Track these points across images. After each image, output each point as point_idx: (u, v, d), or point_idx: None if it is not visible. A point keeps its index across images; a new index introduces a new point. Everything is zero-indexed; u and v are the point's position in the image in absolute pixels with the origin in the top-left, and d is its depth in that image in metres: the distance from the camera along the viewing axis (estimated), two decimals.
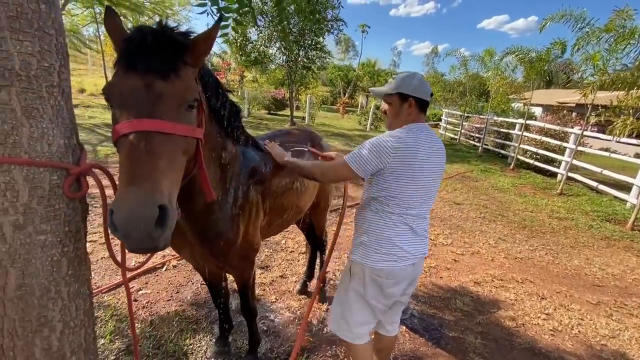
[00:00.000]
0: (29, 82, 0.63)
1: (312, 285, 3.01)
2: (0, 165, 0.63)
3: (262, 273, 3.21)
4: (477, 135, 13.13)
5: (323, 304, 2.81)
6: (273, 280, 3.12)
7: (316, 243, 2.91)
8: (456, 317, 2.80)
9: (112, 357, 2.07)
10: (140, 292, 2.79)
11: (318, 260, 3.03)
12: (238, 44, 13.43)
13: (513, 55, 9.21)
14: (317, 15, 12.00)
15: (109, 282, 2.82)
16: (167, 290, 2.84)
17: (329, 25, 12.94)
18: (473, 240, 4.54)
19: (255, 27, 12.82)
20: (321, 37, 13.11)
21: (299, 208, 2.15)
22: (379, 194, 1.47)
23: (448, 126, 16.14)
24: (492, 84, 11.06)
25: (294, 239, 4.00)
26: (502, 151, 11.43)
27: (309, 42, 13.14)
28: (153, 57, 0.78)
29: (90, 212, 3.74)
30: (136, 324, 2.41)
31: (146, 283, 2.93)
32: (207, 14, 1.38)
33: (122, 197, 0.67)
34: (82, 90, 15.22)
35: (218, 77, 1.30)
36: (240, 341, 2.30)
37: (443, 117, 16.54)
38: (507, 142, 11.09)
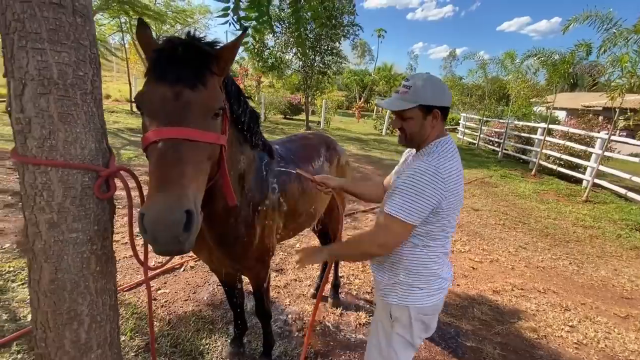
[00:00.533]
0: (65, 90, 0.68)
1: (326, 289, 3.01)
2: (38, 166, 0.68)
3: (276, 276, 3.24)
4: (496, 140, 12.82)
5: (337, 308, 2.80)
6: (287, 284, 3.14)
7: None
8: (474, 327, 2.73)
9: (132, 354, 2.13)
10: (159, 292, 2.87)
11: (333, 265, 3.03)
12: (255, 50, 13.67)
13: (535, 58, 8.97)
14: (333, 21, 12.09)
15: (129, 281, 2.91)
16: (184, 290, 2.91)
17: (345, 31, 13.01)
18: (492, 247, 4.42)
19: (272, 33, 13.05)
20: (337, 43, 13.19)
21: (313, 212, 2.16)
22: (422, 229, 1.24)
23: (466, 130, 15.84)
24: (513, 87, 10.79)
25: (308, 242, 4.02)
26: (523, 156, 11.11)
27: (325, 47, 13.24)
28: (182, 68, 0.82)
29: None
30: (155, 323, 2.49)
31: (165, 283, 3.01)
32: (229, 23, 1.43)
33: (152, 202, 0.70)
34: (107, 96, 15.88)
35: (236, 82, 1.34)
36: (255, 343, 2.33)
37: (461, 122, 16.25)
38: (529, 147, 10.76)
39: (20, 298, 2.52)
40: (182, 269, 3.25)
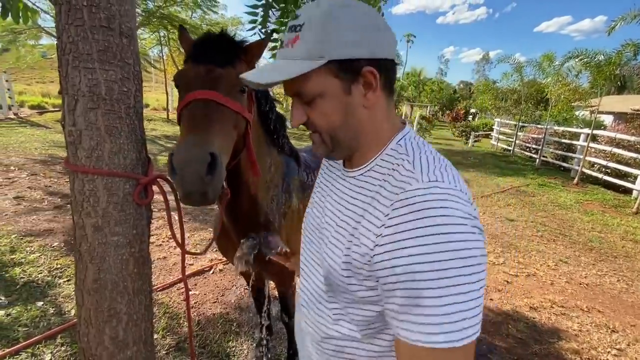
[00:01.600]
0: (111, 105, 0.74)
1: None
2: (87, 175, 0.75)
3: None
4: (534, 146, 12.16)
5: None
6: None
7: None
8: (508, 344, 2.59)
9: (164, 352, 2.22)
10: (190, 293, 2.98)
11: None
12: None
13: (576, 60, 8.46)
14: None
15: (163, 282, 3.05)
16: (213, 293, 3.00)
17: None
18: (529, 260, 4.18)
19: None
20: None
21: None
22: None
23: (501, 136, 15.16)
24: (552, 90, 10.22)
25: None
26: (564, 164, 10.43)
27: None
28: (214, 53, 0.98)
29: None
30: (184, 323, 2.58)
31: (195, 284, 3.12)
32: (256, 33, 1.49)
33: (180, 144, 0.81)
34: (146, 105, 16.90)
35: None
36: (280, 348, 2.35)
37: (495, 127, 15.60)
38: (570, 154, 10.10)
39: (66, 294, 2.71)
40: (211, 272, 3.35)
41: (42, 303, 2.57)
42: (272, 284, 2.40)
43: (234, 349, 2.32)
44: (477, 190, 7.47)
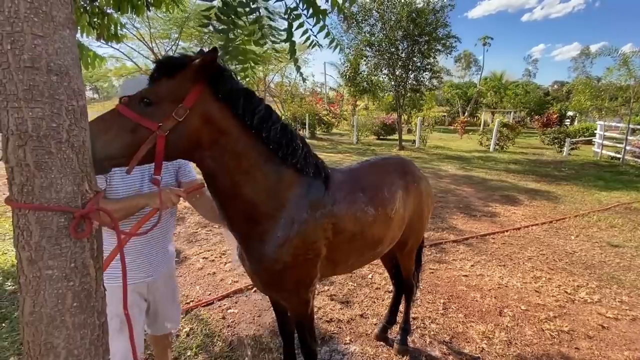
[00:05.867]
0: (39, 141, 0.76)
1: (394, 331, 2.67)
2: (19, 209, 0.77)
3: (341, 309, 3.06)
4: None
5: (402, 356, 2.45)
6: (351, 319, 2.92)
7: (401, 285, 2.60)
8: None
9: None
10: (229, 311, 3.03)
11: (403, 305, 2.67)
12: (347, 76, 14.15)
13: None
14: (425, 37, 11.63)
15: (209, 298, 3.17)
16: (251, 313, 3.00)
17: (439, 45, 12.30)
18: (636, 300, 3.25)
19: (364, 58, 13.33)
20: (430, 58, 12.54)
21: (375, 248, 1.93)
22: None
23: (605, 142, 12.62)
24: None
25: (382, 273, 3.70)
26: None
27: (419, 64, 12.75)
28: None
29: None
30: (217, 343, 2.62)
31: (236, 302, 3.17)
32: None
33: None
34: None
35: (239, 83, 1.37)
36: None
37: (597, 131, 13.07)
38: None
39: None
40: (253, 290, 3.38)
41: None
42: None
43: None
44: (571, 208, 6.24)
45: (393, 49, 12.23)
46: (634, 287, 3.47)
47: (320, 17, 1.61)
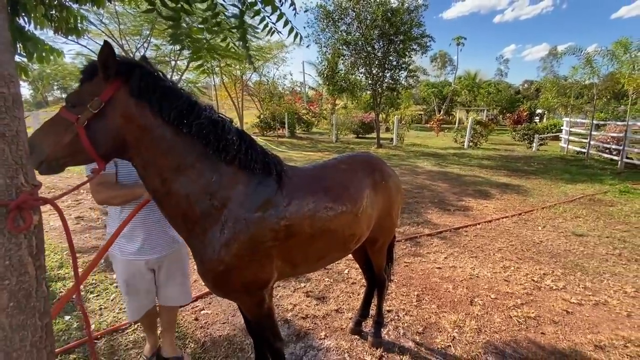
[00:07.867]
0: None
1: (368, 324, 2.70)
2: None
3: (317, 305, 3.05)
4: (614, 146, 10.41)
5: (377, 349, 2.47)
6: (327, 314, 2.92)
7: (373, 280, 2.61)
8: None
9: None
10: (202, 312, 2.96)
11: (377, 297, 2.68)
12: (325, 75, 14.18)
13: None
14: (400, 37, 11.81)
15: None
16: (224, 313, 2.94)
17: (415, 44, 12.54)
18: (599, 286, 3.43)
19: (341, 57, 13.39)
20: (406, 57, 12.77)
21: (340, 248, 1.87)
22: None
23: (572, 138, 13.29)
24: (630, 80, 8.70)
25: (358, 269, 3.73)
26: None
27: (395, 63, 12.94)
28: None
29: None
30: (190, 344, 2.55)
31: (210, 303, 3.10)
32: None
33: None
34: None
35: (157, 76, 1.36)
36: None
37: (564, 127, 13.74)
38: None
39: (92, 309, 2.89)
40: None
41: (69, 317, 2.76)
42: None
43: None
44: (539, 200, 6.52)
45: (369, 48, 12.38)
46: (597, 274, 3.67)
47: (276, 4, 1.58)
